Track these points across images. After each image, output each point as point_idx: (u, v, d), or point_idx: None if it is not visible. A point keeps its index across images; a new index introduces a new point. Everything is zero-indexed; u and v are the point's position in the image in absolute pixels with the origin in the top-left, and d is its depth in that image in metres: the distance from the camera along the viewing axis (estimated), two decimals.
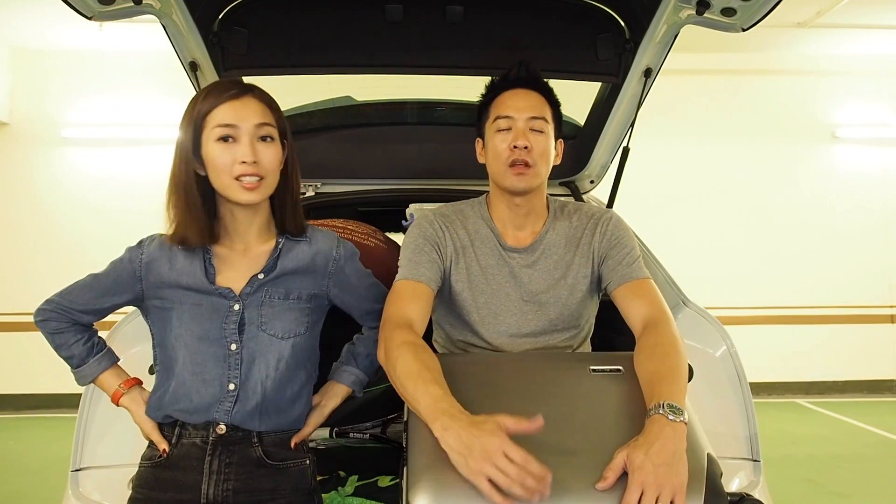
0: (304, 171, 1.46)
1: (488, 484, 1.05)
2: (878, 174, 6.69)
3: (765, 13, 1.61)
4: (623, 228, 1.63)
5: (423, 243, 1.59)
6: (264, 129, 1.30)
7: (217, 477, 1.29)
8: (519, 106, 1.57)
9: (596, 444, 1.14)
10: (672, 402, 1.18)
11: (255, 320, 1.33)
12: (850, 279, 6.56)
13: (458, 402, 1.17)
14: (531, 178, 1.56)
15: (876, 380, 6.50)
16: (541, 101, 1.59)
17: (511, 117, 1.57)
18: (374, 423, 1.93)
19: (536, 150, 1.55)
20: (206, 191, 1.33)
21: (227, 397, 1.30)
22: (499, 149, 1.58)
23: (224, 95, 1.29)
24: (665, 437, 1.12)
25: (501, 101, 1.60)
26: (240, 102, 1.29)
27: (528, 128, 1.56)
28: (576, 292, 1.60)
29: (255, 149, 1.29)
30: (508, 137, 1.56)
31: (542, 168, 1.57)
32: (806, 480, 3.88)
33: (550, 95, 1.63)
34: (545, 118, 1.58)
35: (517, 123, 1.56)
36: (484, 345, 1.61)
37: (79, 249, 5.94)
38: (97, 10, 1.59)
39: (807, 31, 5.82)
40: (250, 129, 1.29)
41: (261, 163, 1.29)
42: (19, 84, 6.21)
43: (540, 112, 1.57)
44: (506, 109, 1.58)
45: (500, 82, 1.63)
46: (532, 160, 1.55)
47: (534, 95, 1.59)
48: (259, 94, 1.33)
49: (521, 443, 1.08)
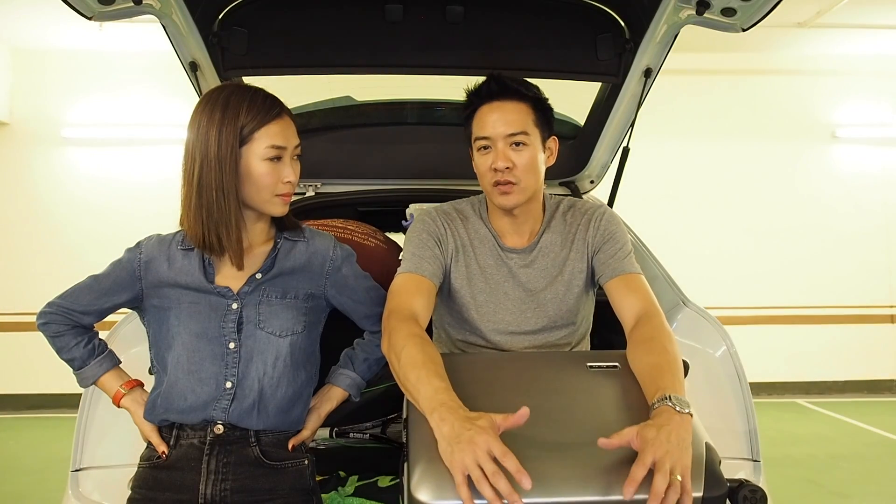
0: (305, 171, 1.46)
1: (462, 477, 1.04)
2: (878, 174, 6.69)
3: (765, 13, 1.61)
4: (616, 223, 1.63)
5: (427, 238, 1.59)
6: (298, 149, 1.38)
7: (215, 477, 1.30)
8: (496, 125, 1.52)
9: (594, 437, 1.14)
10: (677, 394, 1.19)
11: (252, 319, 1.34)
12: (850, 279, 6.55)
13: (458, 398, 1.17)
14: (517, 195, 1.54)
15: (876, 380, 6.50)
16: (520, 113, 1.53)
17: (489, 137, 1.53)
18: (374, 423, 1.93)
19: (520, 166, 1.52)
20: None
21: (223, 395, 1.31)
22: (481, 169, 1.56)
23: (270, 114, 1.32)
24: (674, 424, 1.12)
25: (479, 118, 1.55)
26: (285, 123, 1.35)
27: (509, 144, 1.52)
28: (572, 288, 1.61)
29: (294, 168, 1.36)
30: (489, 158, 1.54)
31: (529, 181, 1.54)
32: (806, 480, 3.88)
33: (532, 99, 1.56)
34: (525, 131, 1.52)
35: (496, 144, 1.52)
36: (483, 342, 1.62)
37: (79, 249, 5.94)
38: (97, 10, 1.59)
39: (807, 31, 5.82)
40: (292, 149, 1.35)
41: (294, 179, 1.36)
42: (19, 84, 6.20)
43: (519, 126, 1.52)
44: (483, 129, 1.54)
45: (475, 97, 1.57)
46: (516, 177, 1.52)
47: (511, 107, 1.53)
48: (288, 111, 1.38)
49: (523, 438, 1.08)
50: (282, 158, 1.33)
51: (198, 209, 1.30)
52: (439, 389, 1.18)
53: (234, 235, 1.32)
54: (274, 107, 1.34)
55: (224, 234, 1.31)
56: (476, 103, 1.57)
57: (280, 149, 1.32)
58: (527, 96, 1.55)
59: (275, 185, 1.33)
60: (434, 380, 1.21)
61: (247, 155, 1.31)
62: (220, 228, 1.30)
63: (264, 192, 1.33)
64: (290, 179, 1.34)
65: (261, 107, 1.32)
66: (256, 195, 1.33)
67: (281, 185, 1.34)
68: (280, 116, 1.34)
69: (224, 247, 1.32)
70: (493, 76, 1.57)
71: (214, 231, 1.31)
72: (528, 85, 1.58)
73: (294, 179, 1.35)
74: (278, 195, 1.34)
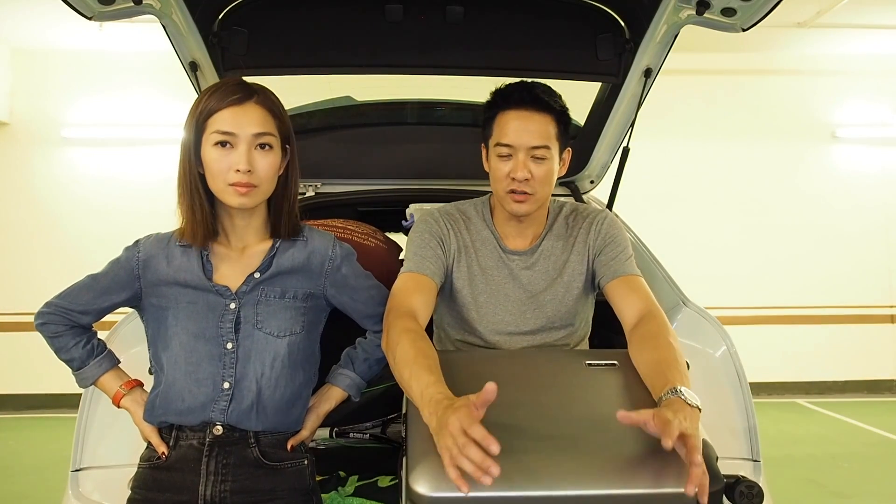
0: (304, 171, 1.46)
1: (449, 460, 1.04)
2: (878, 174, 6.69)
3: (765, 13, 1.61)
4: (617, 227, 1.64)
5: (429, 238, 1.60)
6: (263, 137, 1.30)
7: (214, 478, 1.30)
8: (521, 135, 1.50)
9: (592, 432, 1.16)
10: (686, 388, 1.18)
11: (250, 319, 1.33)
12: (850, 279, 6.55)
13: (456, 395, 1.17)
14: (531, 204, 1.55)
15: (876, 380, 6.51)
16: (545, 125, 1.52)
17: (512, 146, 1.51)
18: (374, 423, 1.93)
19: (538, 179, 1.52)
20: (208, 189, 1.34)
21: (221, 396, 1.30)
22: (497, 175, 1.55)
23: (226, 100, 1.29)
24: (686, 412, 1.12)
25: (504, 122, 1.53)
26: (241, 109, 1.29)
27: (530, 156, 1.51)
28: (572, 289, 1.62)
29: (252, 157, 1.29)
30: (508, 165, 1.52)
31: (543, 192, 1.55)
32: (806, 480, 3.88)
33: (557, 112, 1.54)
34: (547, 145, 1.51)
35: (518, 154, 1.51)
36: (482, 343, 1.62)
37: (78, 249, 5.93)
38: (97, 10, 1.59)
39: (807, 31, 5.82)
40: (248, 137, 1.28)
41: (255, 171, 1.29)
42: (19, 84, 6.20)
43: (543, 140, 1.51)
44: (506, 137, 1.52)
45: (502, 100, 1.55)
46: (532, 188, 1.52)
47: (538, 119, 1.51)
48: (262, 100, 1.32)
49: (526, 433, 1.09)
50: (233, 146, 1.28)
51: (179, 198, 1.34)
52: (429, 384, 1.18)
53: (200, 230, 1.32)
54: (235, 93, 1.29)
55: (190, 220, 1.32)
56: (502, 106, 1.55)
57: (227, 134, 1.27)
58: (553, 108, 1.54)
59: (225, 172, 1.28)
60: (423, 375, 1.21)
61: (203, 142, 1.30)
62: (189, 214, 1.32)
63: (217, 181, 1.30)
64: (240, 168, 1.27)
65: (221, 93, 1.30)
66: (213, 183, 1.31)
67: (232, 173, 1.27)
68: (237, 103, 1.28)
69: (194, 234, 1.32)
70: (524, 84, 1.55)
71: (187, 218, 1.33)
72: (556, 97, 1.56)
73: (247, 168, 1.27)
74: (231, 184, 1.28)
